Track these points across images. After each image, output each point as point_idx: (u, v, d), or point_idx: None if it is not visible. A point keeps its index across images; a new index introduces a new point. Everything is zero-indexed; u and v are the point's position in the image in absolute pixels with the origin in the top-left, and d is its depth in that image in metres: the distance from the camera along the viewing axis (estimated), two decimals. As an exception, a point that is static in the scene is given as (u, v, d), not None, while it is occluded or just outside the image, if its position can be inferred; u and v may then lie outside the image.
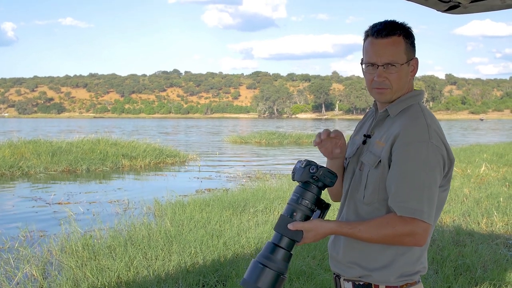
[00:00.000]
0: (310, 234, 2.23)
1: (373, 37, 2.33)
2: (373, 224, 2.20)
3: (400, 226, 2.14)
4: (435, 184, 2.18)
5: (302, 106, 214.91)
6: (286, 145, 37.80)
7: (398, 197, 2.17)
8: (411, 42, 2.35)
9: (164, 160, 23.78)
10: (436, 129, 2.25)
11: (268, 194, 12.08)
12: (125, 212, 11.71)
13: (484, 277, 6.15)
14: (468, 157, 21.29)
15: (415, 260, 2.29)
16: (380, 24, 2.35)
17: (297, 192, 2.27)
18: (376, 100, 2.46)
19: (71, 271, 6.69)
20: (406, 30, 2.34)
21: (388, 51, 2.30)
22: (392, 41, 2.30)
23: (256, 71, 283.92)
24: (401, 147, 2.20)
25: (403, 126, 2.24)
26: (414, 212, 2.13)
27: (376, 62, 2.32)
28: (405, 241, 2.18)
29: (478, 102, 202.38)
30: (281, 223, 2.24)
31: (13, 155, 20.85)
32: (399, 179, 2.18)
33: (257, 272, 2.17)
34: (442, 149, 2.21)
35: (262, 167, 21.93)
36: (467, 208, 10.40)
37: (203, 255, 7.10)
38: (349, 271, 2.36)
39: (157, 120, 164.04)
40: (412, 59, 2.36)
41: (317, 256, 6.91)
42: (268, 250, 2.22)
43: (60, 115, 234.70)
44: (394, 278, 2.26)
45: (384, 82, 2.33)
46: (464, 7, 3.40)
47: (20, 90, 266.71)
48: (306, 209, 2.25)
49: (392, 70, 2.31)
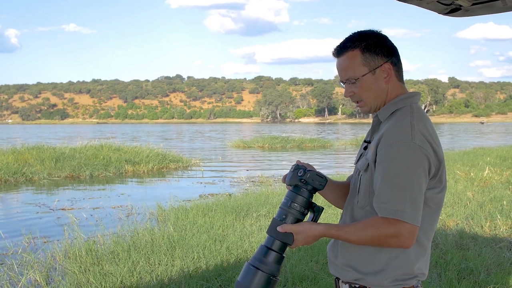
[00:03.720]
0: (300, 237, 2.24)
1: (334, 56, 2.43)
2: (359, 226, 2.20)
3: (383, 227, 2.13)
4: (418, 185, 2.16)
5: (305, 110, 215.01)
6: (289, 149, 37.78)
7: (380, 198, 2.16)
8: (373, 50, 2.34)
9: (167, 165, 23.79)
10: (422, 129, 2.22)
11: (271, 199, 12.07)
12: (128, 217, 11.71)
13: (488, 281, 6.13)
14: (471, 161, 21.25)
15: (409, 264, 2.26)
16: (339, 43, 2.41)
17: (288, 196, 2.31)
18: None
19: (74, 276, 6.69)
20: (365, 39, 2.35)
21: (344, 68, 2.37)
22: (346, 57, 2.36)
23: (259, 76, 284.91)
24: (383, 148, 2.20)
25: (387, 128, 2.25)
26: (395, 213, 2.11)
27: (341, 79, 2.41)
28: (390, 242, 2.16)
29: (482, 105, 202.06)
30: (272, 226, 2.28)
31: (16, 161, 20.89)
32: (381, 180, 2.17)
33: (250, 275, 2.22)
34: (427, 149, 2.18)
35: (265, 171, 21.91)
36: (471, 212, 10.37)
37: (206, 260, 7.10)
38: (345, 274, 2.36)
39: (160, 125, 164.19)
40: (378, 67, 2.35)
41: (320, 261, 6.90)
42: (261, 253, 2.26)
43: (64, 121, 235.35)
44: (388, 282, 2.25)
45: (353, 96, 2.41)
46: (465, 9, 3.40)
47: (23, 96, 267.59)
48: (297, 212, 2.27)
49: (355, 85, 2.37)
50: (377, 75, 2.35)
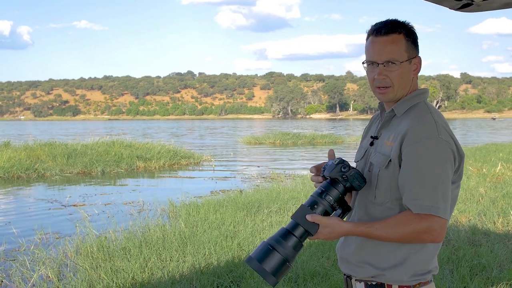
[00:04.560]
0: (326, 230, 2.22)
1: (373, 35, 2.34)
2: (390, 223, 2.19)
3: (416, 223, 2.13)
4: (447, 178, 2.18)
5: (316, 106, 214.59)
6: (300, 145, 37.75)
7: (412, 195, 2.16)
8: (412, 40, 2.34)
9: (179, 161, 23.84)
10: (444, 125, 2.24)
11: (282, 195, 12.07)
12: (139, 213, 11.75)
13: (501, 277, 6.09)
14: (483, 156, 21.14)
15: (428, 259, 2.28)
16: (381, 22, 2.35)
17: (323, 186, 2.28)
18: (380, 100, 2.46)
19: (86, 272, 6.72)
20: (407, 28, 2.34)
21: (387, 49, 2.30)
22: (392, 39, 2.31)
23: (270, 72, 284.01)
24: (410, 145, 2.19)
25: (411, 125, 2.24)
26: (430, 209, 2.12)
27: (376, 60, 2.32)
28: (423, 238, 2.17)
29: (494, 101, 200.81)
30: (300, 212, 2.23)
31: (29, 157, 21.03)
32: (412, 177, 2.17)
33: (265, 253, 2.16)
34: (452, 144, 2.20)
35: (276, 167, 21.90)
36: (483, 208, 10.31)
37: (217, 256, 7.10)
38: (361, 271, 2.35)
39: (171, 121, 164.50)
40: (414, 57, 2.35)
41: (331, 257, 6.88)
42: (281, 234, 2.21)
43: (75, 117, 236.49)
44: (407, 277, 2.26)
45: (384, 80, 2.33)
46: (477, 5, 3.37)
47: (35, 93, 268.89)
48: (328, 205, 2.24)
49: (392, 68, 2.31)
50: (411, 66, 2.35)
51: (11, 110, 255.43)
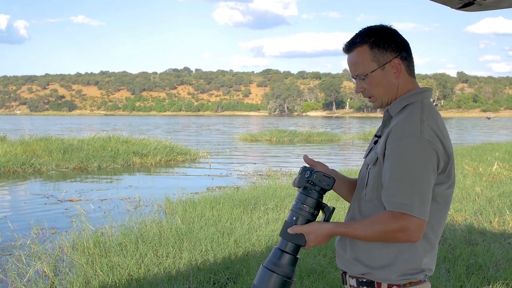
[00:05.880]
0: (311, 237, 2.26)
1: (344, 52, 2.44)
2: (367, 222, 2.20)
3: (391, 222, 2.12)
4: (427, 179, 2.15)
5: (312, 104, 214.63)
6: (296, 143, 37.76)
7: (388, 191, 2.15)
8: (382, 46, 2.33)
9: (175, 157, 23.84)
10: (432, 124, 2.21)
11: (278, 192, 12.07)
12: (136, 209, 11.74)
13: (497, 277, 6.10)
14: (479, 156, 21.18)
15: (417, 258, 2.25)
16: (349, 40, 2.42)
17: (298, 198, 2.33)
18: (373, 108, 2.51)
19: (82, 268, 6.71)
20: (374, 35, 2.34)
21: (354, 64, 2.39)
22: (355, 53, 2.37)
23: (267, 69, 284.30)
24: (393, 142, 2.19)
25: (397, 122, 2.25)
26: (403, 207, 2.10)
27: (351, 75, 2.43)
28: (398, 237, 2.15)
29: (490, 100, 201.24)
30: (284, 228, 2.31)
31: (25, 152, 20.99)
32: (390, 174, 2.17)
33: (265, 278, 2.25)
34: (436, 144, 2.17)
35: (272, 165, 21.89)
36: (479, 207, 10.33)
37: (213, 252, 7.10)
38: (353, 268, 2.35)
39: (167, 117, 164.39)
40: (387, 63, 2.34)
41: (328, 254, 6.89)
42: (275, 255, 2.29)
43: (71, 112, 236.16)
44: (396, 277, 2.24)
45: (364, 92, 2.42)
46: (479, 4, 3.35)
47: (31, 87, 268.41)
48: (307, 214, 2.29)
49: (365, 81, 2.38)
50: (387, 71, 2.34)
51: (7, 105, 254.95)
